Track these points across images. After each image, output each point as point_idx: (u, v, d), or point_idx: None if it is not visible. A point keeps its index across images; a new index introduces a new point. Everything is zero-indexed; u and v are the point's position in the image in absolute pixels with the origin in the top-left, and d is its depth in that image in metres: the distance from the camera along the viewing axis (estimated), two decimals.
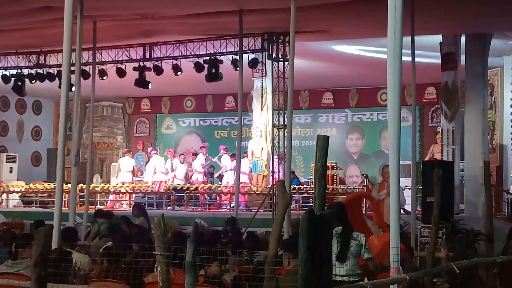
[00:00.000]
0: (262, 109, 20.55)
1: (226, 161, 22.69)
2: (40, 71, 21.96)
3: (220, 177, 23.21)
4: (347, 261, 7.71)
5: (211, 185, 22.10)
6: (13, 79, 22.34)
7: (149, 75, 20.62)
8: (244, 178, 20.75)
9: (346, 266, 7.70)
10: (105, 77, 21.01)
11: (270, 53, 18.72)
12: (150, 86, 20.97)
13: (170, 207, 21.50)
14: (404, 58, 7.22)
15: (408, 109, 20.85)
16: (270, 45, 18.69)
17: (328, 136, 5.03)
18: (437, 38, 17.72)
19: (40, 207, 22.38)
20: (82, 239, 14.10)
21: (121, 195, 22.91)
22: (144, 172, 24.06)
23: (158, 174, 22.96)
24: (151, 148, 25.32)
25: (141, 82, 20.75)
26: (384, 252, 7.67)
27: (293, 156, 20.09)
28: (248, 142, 21.63)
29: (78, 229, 12.71)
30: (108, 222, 14.60)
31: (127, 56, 20.80)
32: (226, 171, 22.56)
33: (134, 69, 20.60)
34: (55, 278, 6.89)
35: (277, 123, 18.00)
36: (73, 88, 14.50)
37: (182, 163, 23.44)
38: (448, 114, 17.47)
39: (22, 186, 23.98)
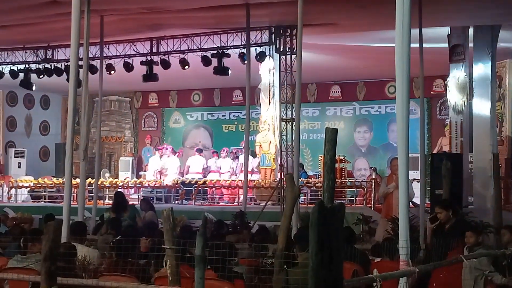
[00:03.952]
0: (269, 103, 20.48)
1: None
2: (47, 66, 22.01)
3: None
4: None
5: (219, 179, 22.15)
6: (21, 74, 22.38)
7: (157, 69, 20.63)
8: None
9: None
10: (112, 72, 21.01)
11: (278, 46, 18.70)
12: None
13: (178, 201, 21.51)
14: (411, 50, 7.19)
15: (416, 102, 20.76)
16: (278, 38, 18.67)
17: (337, 129, 5.02)
18: (445, 30, 17.65)
19: (48, 201, 22.41)
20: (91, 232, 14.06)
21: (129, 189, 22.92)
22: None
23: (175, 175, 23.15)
24: (169, 147, 24.88)
25: (149, 76, 20.76)
26: None
27: (301, 150, 20.06)
28: (256, 135, 21.60)
29: (87, 224, 12.71)
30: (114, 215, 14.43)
31: (134, 50, 20.81)
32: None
33: (142, 63, 20.60)
34: (64, 272, 6.91)
35: (284, 117, 17.97)
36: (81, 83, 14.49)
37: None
38: (456, 106, 17.42)
39: (31, 181, 24.03)
